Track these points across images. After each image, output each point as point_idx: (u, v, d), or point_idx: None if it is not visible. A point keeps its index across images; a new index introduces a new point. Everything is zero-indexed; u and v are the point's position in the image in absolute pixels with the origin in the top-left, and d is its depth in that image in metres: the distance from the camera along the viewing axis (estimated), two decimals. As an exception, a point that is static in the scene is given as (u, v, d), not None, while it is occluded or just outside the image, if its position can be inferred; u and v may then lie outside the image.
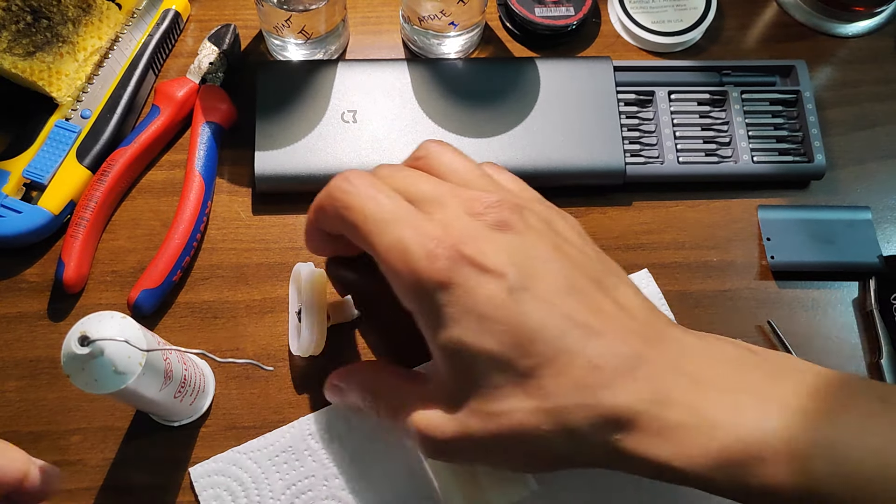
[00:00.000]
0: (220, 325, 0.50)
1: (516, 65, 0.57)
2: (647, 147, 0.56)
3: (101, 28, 0.55)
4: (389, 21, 0.60)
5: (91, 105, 0.54)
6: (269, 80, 0.55)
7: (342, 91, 0.55)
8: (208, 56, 0.55)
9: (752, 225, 0.55)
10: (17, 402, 0.48)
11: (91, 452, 0.47)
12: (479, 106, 0.55)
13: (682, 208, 0.55)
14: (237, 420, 0.48)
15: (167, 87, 0.54)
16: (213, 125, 0.53)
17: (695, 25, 0.59)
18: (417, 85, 0.55)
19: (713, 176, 0.55)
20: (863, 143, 0.58)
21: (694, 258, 0.54)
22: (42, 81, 0.52)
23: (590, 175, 0.54)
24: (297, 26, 0.53)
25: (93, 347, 0.36)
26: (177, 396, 0.43)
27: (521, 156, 0.54)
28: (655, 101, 0.57)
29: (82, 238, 0.50)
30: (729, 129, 0.57)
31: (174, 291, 0.51)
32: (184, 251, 0.50)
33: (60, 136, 0.52)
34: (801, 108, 0.57)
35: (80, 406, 0.48)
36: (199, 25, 0.59)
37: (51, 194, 0.51)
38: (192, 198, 0.51)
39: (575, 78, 0.56)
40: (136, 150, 0.52)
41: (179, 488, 0.46)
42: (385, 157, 0.53)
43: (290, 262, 0.52)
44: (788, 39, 0.61)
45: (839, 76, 0.60)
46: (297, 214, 0.53)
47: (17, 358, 0.49)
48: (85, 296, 0.51)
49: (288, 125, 0.53)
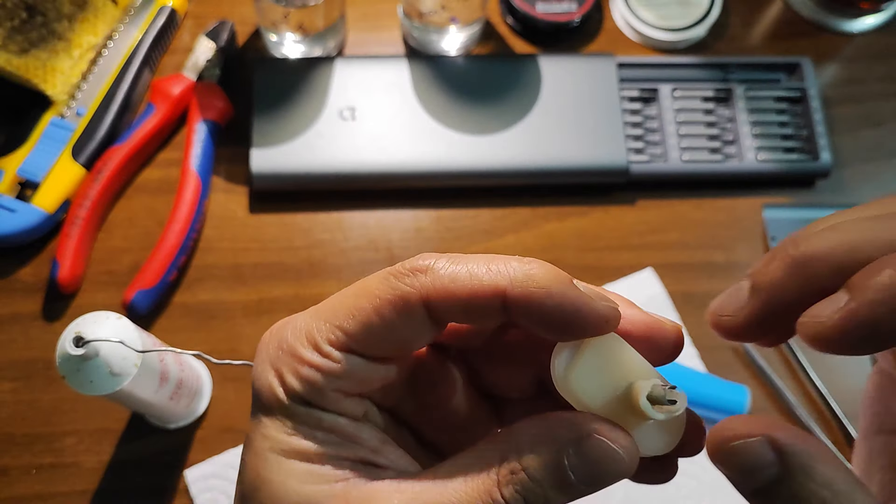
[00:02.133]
0: (217, 326, 0.50)
1: (517, 61, 0.56)
2: (650, 145, 0.55)
3: (96, 25, 0.54)
4: (389, 17, 0.59)
5: (86, 102, 0.53)
6: (266, 77, 0.54)
7: (340, 88, 0.54)
8: (205, 53, 0.55)
9: (757, 224, 0.54)
10: (12, 403, 0.47)
11: (86, 455, 0.46)
12: (479, 103, 0.54)
13: (686, 207, 0.55)
14: (234, 422, 0.47)
15: (163, 84, 0.53)
16: (210, 123, 0.53)
17: (699, 22, 0.59)
18: (417, 82, 0.55)
19: (718, 174, 0.55)
20: (869, 141, 0.57)
21: (699, 258, 0.53)
22: (37, 79, 0.51)
23: (592, 173, 0.54)
24: (294, 22, 0.52)
25: (88, 348, 0.35)
26: (173, 398, 0.43)
27: (523, 154, 0.53)
28: (659, 98, 0.56)
29: (77, 237, 0.49)
30: (733, 127, 0.56)
31: (170, 291, 0.50)
32: (180, 251, 0.49)
33: (55, 134, 0.52)
34: (806, 105, 0.56)
35: (75, 408, 0.47)
36: (196, 22, 0.58)
37: (45, 193, 0.50)
38: (188, 196, 0.50)
39: (577, 75, 0.55)
40: (132, 148, 0.52)
41: (175, 491, 0.46)
42: (384, 155, 0.53)
43: (288, 261, 0.52)
44: (794, 36, 0.61)
45: (845, 73, 0.59)
46: (295, 213, 0.53)
47: (12, 359, 0.48)
48: (80, 296, 0.50)
49: (285, 123, 0.53)
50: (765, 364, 0.50)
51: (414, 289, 0.21)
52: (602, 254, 0.53)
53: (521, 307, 0.21)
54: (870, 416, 0.26)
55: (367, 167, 0.52)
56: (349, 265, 0.52)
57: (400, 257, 0.52)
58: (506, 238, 0.53)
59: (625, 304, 0.24)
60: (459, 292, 0.21)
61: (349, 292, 0.23)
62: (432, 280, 0.21)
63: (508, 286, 0.21)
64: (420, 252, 0.24)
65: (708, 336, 0.51)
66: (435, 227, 0.53)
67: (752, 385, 0.49)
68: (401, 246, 0.52)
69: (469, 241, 0.53)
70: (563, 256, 0.53)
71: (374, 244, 0.52)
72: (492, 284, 0.21)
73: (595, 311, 0.21)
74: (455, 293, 0.21)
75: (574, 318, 0.21)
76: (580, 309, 0.21)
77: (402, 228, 0.53)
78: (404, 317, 0.22)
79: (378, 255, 0.52)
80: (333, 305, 0.23)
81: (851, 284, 0.20)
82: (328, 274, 0.52)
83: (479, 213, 0.54)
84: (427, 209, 0.54)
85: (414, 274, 0.22)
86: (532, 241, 0.53)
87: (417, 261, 0.22)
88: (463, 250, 0.53)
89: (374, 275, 0.23)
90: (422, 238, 0.53)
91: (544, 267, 0.22)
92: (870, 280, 0.19)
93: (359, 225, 0.53)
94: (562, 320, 0.21)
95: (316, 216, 0.53)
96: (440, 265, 0.22)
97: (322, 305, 0.23)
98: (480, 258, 0.22)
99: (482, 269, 0.22)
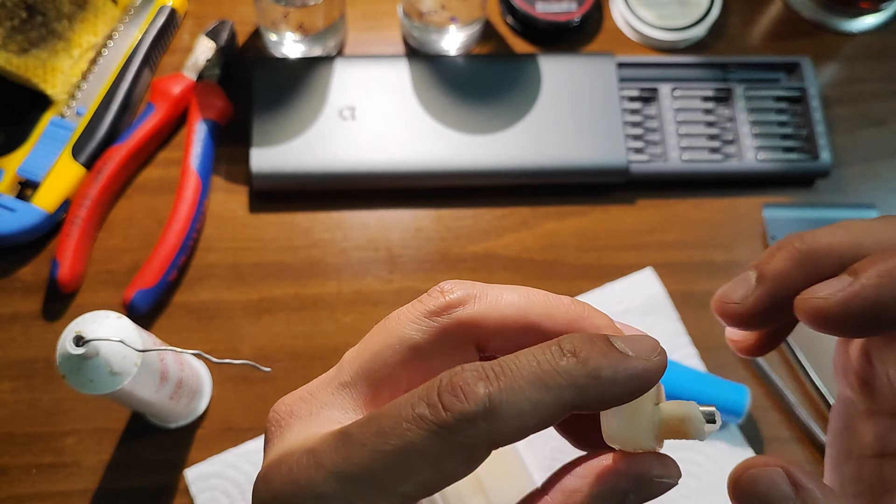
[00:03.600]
0: (217, 326, 0.50)
1: (517, 61, 0.56)
2: (650, 144, 0.55)
3: (96, 24, 0.54)
4: (389, 17, 0.59)
5: (86, 102, 0.53)
6: (266, 77, 0.54)
7: (340, 87, 0.54)
8: (205, 52, 0.55)
9: (757, 224, 0.54)
10: (12, 403, 0.47)
11: (86, 454, 0.46)
12: (479, 103, 0.54)
13: (686, 207, 0.55)
14: (234, 422, 0.47)
15: (163, 83, 0.53)
16: (210, 122, 0.53)
17: (699, 21, 0.59)
18: (417, 81, 0.55)
19: (717, 174, 0.55)
20: (869, 140, 0.57)
21: (699, 258, 0.53)
22: (37, 78, 0.51)
23: (592, 173, 0.54)
24: (294, 22, 0.52)
25: (88, 348, 0.35)
26: (173, 397, 0.43)
27: (523, 154, 0.53)
28: (659, 97, 0.56)
29: (77, 237, 0.49)
30: (733, 127, 0.56)
31: (170, 291, 0.50)
32: (180, 250, 0.49)
33: (55, 134, 0.52)
34: (806, 105, 0.56)
35: (76, 407, 0.47)
36: (196, 22, 0.58)
37: (45, 192, 0.50)
38: (188, 196, 0.50)
39: (577, 74, 0.55)
40: (132, 148, 0.52)
41: (175, 491, 0.46)
42: (384, 155, 0.53)
43: (288, 261, 0.52)
44: (794, 36, 0.61)
45: (845, 73, 0.60)
46: (295, 213, 0.53)
47: (12, 358, 0.48)
48: (80, 295, 0.50)
49: (285, 122, 0.53)
50: (765, 364, 0.50)
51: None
52: (602, 253, 0.53)
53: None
54: (837, 444, 0.26)
55: (367, 167, 0.52)
56: (349, 265, 0.52)
57: (400, 257, 0.52)
58: (506, 238, 0.53)
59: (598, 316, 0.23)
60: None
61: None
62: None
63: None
64: (420, 252, 0.23)
65: (708, 336, 0.51)
66: (435, 227, 0.53)
67: (752, 385, 0.49)
68: (401, 245, 0.53)
69: (469, 240, 0.53)
70: (563, 256, 0.53)
71: (374, 244, 0.52)
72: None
73: (646, 381, 0.21)
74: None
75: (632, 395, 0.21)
76: (635, 393, 0.21)
77: (402, 228, 0.53)
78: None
79: (378, 255, 0.52)
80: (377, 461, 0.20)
81: (855, 268, 0.20)
82: (328, 273, 0.52)
83: (479, 213, 0.54)
84: (427, 209, 0.54)
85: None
86: (532, 240, 0.53)
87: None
88: (463, 250, 0.53)
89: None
90: (422, 238, 0.53)
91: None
92: (874, 265, 0.20)
93: (359, 224, 0.53)
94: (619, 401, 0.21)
95: (316, 216, 0.53)
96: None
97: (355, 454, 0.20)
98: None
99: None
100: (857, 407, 0.26)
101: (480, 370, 0.20)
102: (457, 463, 0.19)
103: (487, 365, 0.20)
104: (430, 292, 0.23)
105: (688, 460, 0.48)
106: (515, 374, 0.20)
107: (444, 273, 0.52)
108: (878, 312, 0.20)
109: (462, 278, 0.23)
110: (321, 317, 0.50)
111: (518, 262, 0.53)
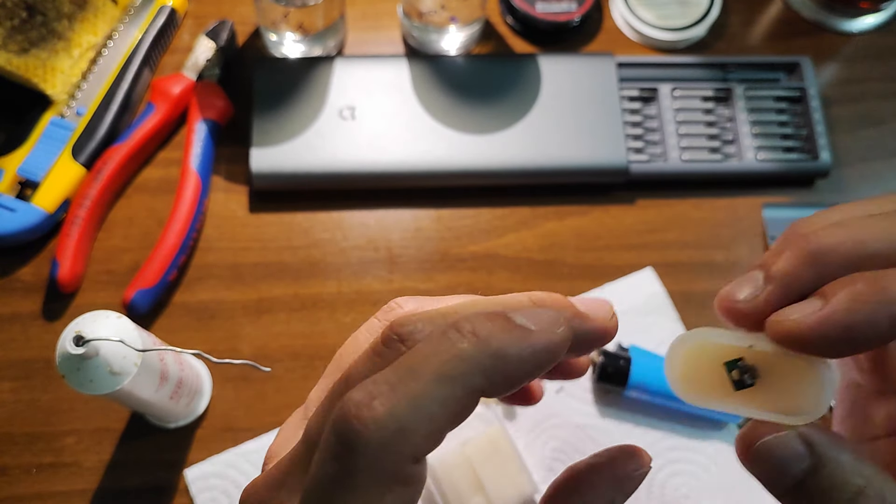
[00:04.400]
0: (217, 325, 0.50)
1: (517, 61, 0.56)
2: (650, 144, 0.55)
3: (96, 24, 0.54)
4: (389, 16, 0.59)
5: (86, 102, 0.53)
6: (266, 77, 0.54)
7: (340, 87, 0.54)
8: (205, 52, 0.55)
9: (757, 224, 0.54)
10: (12, 403, 0.47)
11: (86, 454, 0.46)
12: (479, 103, 0.54)
13: (686, 207, 0.55)
14: (234, 422, 0.47)
15: (163, 83, 0.53)
16: (210, 122, 0.53)
17: (699, 21, 0.59)
18: (417, 81, 0.55)
19: (717, 173, 0.55)
20: (868, 140, 0.57)
21: (699, 258, 0.53)
22: (37, 78, 0.51)
23: (592, 173, 0.54)
24: (294, 22, 0.52)
25: (88, 347, 0.35)
26: (173, 397, 0.43)
27: (523, 154, 0.53)
28: (659, 97, 0.56)
29: (77, 237, 0.49)
30: (733, 127, 0.56)
31: (170, 291, 0.50)
32: (180, 250, 0.49)
33: (55, 134, 0.52)
34: (806, 105, 0.56)
35: (75, 407, 0.47)
36: (196, 21, 0.58)
37: (45, 192, 0.50)
38: (188, 196, 0.50)
39: (576, 74, 0.55)
40: (132, 148, 0.52)
41: (175, 491, 0.46)
42: (384, 155, 0.53)
43: (288, 260, 0.52)
44: (793, 36, 0.61)
45: (845, 73, 0.59)
46: (295, 213, 0.53)
47: (12, 358, 0.48)
48: (80, 295, 0.50)
49: (285, 122, 0.53)
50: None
51: None
52: (602, 253, 0.53)
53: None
54: (848, 429, 0.26)
55: (367, 167, 0.52)
56: (349, 265, 0.52)
57: (400, 257, 0.52)
58: (506, 237, 0.53)
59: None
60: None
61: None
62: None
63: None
64: (420, 252, 0.23)
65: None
66: (435, 227, 0.53)
67: (752, 384, 0.49)
68: (400, 245, 0.52)
69: (469, 240, 0.53)
70: (563, 256, 0.53)
71: (374, 244, 0.52)
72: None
73: (553, 354, 0.21)
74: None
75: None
76: (542, 367, 0.21)
77: (402, 228, 0.53)
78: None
79: (378, 255, 0.52)
80: None
81: (825, 291, 0.20)
82: (328, 273, 0.52)
83: (479, 213, 0.54)
84: (427, 209, 0.54)
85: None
86: (532, 240, 0.53)
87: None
88: (463, 250, 0.53)
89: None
90: (422, 238, 0.53)
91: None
92: (844, 288, 0.20)
93: (358, 224, 0.53)
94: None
95: (316, 216, 0.53)
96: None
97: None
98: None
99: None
100: (865, 390, 0.26)
101: (372, 386, 0.18)
102: (395, 496, 0.18)
103: (380, 377, 0.19)
104: (378, 317, 0.23)
105: (688, 460, 0.48)
106: (416, 375, 0.18)
107: (444, 273, 0.52)
108: (849, 336, 0.20)
109: (462, 278, 0.23)
110: (321, 317, 0.50)
111: (518, 261, 0.53)
